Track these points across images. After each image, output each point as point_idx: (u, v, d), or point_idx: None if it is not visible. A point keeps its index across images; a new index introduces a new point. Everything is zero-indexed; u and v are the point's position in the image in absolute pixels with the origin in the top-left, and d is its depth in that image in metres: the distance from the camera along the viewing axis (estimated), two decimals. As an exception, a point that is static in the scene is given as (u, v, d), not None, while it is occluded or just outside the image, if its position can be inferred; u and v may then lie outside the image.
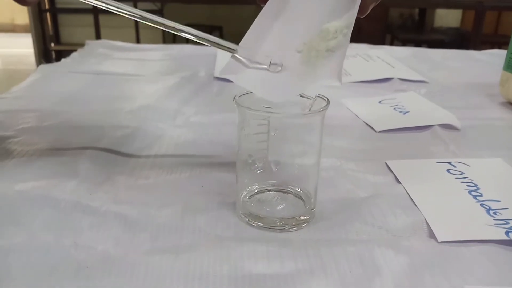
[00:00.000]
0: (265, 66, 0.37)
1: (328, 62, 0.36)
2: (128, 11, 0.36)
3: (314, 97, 0.37)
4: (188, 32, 0.37)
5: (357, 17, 0.38)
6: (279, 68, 0.37)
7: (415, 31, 3.81)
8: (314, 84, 0.36)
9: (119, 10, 0.36)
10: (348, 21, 0.36)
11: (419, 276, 0.32)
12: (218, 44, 0.37)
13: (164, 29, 0.37)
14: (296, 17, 0.38)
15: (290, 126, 0.38)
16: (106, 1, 0.36)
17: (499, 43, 2.87)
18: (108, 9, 0.36)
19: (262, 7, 0.38)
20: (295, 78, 0.37)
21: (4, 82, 3.39)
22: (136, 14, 0.36)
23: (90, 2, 0.36)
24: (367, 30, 3.21)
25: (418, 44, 3.49)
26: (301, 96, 0.37)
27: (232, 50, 0.37)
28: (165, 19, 0.37)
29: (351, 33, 0.36)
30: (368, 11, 0.39)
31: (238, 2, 3.08)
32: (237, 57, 0.37)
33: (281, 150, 0.38)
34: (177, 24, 0.37)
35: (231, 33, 3.64)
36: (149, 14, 0.37)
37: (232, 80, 0.37)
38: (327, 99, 0.36)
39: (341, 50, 0.36)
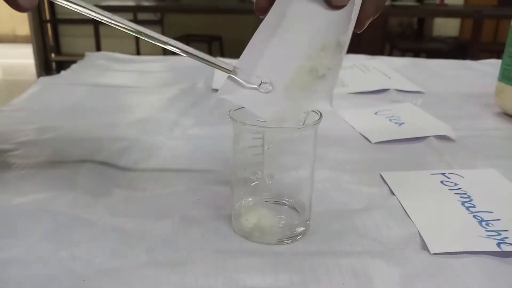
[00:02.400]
0: (262, 90, 0.37)
1: (319, 85, 0.37)
2: (124, 25, 0.36)
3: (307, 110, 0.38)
4: (184, 50, 0.37)
5: (355, 32, 0.38)
6: (270, 88, 0.37)
7: (414, 40, 3.84)
8: (306, 107, 0.37)
9: (114, 23, 0.36)
10: (342, 40, 0.37)
11: (412, 288, 0.32)
12: (214, 64, 0.37)
13: (158, 44, 0.37)
14: (291, 36, 0.38)
15: (284, 140, 0.38)
16: (101, 13, 0.36)
17: (498, 51, 2.89)
18: (103, 21, 0.36)
19: (261, 18, 0.39)
20: (288, 99, 0.37)
21: (4, 92, 3.41)
22: (132, 28, 0.36)
23: (86, 13, 0.36)
24: (367, 39, 3.23)
25: (417, 53, 3.51)
26: None
27: (227, 71, 0.37)
28: (160, 35, 0.37)
29: (344, 54, 0.37)
30: (365, 27, 0.39)
31: (238, 12, 3.10)
32: (233, 78, 0.38)
33: (276, 163, 0.39)
34: (174, 41, 0.37)
35: (230, 43, 3.67)
36: (145, 28, 0.37)
37: (230, 100, 0.37)
38: (320, 113, 0.37)
39: (333, 73, 0.37)
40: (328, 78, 0.37)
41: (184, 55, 0.37)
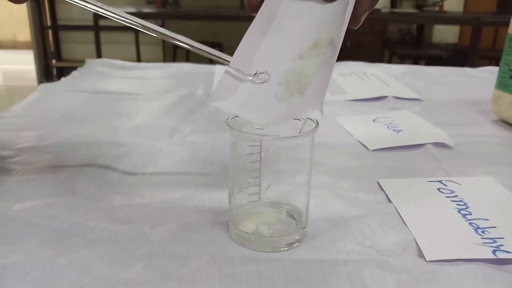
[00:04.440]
0: (257, 80, 0.38)
1: (310, 90, 0.37)
2: (128, 19, 0.38)
3: (304, 118, 0.38)
4: (185, 42, 0.38)
5: (354, 31, 0.38)
6: (267, 77, 0.38)
7: (413, 47, 3.84)
8: (296, 113, 0.36)
9: (119, 17, 0.37)
10: (335, 38, 0.37)
11: (407, 295, 0.33)
12: (214, 55, 0.38)
13: (162, 38, 0.38)
14: (283, 32, 0.38)
15: (281, 147, 0.39)
16: (107, 8, 0.37)
17: (496, 58, 2.90)
18: (109, 16, 0.38)
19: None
20: (279, 103, 0.37)
21: (5, 98, 3.41)
22: (135, 23, 0.38)
23: (92, 8, 0.37)
24: (366, 45, 3.24)
25: (416, 59, 3.52)
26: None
27: (227, 62, 0.38)
28: (164, 29, 0.38)
29: (336, 56, 0.37)
30: (361, 22, 0.39)
31: (238, 19, 3.11)
32: (231, 71, 0.38)
33: (273, 170, 0.39)
34: (176, 34, 0.38)
35: (231, 50, 3.67)
36: (148, 22, 0.38)
37: (220, 107, 0.37)
38: (317, 120, 0.37)
39: (324, 79, 0.36)
40: (319, 84, 0.36)
41: (187, 47, 0.38)
